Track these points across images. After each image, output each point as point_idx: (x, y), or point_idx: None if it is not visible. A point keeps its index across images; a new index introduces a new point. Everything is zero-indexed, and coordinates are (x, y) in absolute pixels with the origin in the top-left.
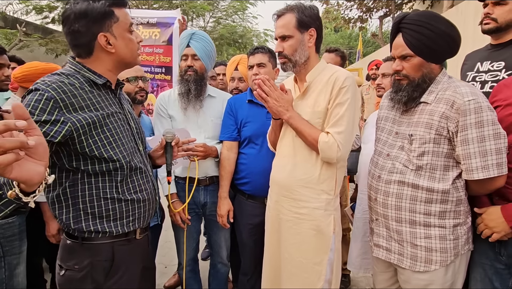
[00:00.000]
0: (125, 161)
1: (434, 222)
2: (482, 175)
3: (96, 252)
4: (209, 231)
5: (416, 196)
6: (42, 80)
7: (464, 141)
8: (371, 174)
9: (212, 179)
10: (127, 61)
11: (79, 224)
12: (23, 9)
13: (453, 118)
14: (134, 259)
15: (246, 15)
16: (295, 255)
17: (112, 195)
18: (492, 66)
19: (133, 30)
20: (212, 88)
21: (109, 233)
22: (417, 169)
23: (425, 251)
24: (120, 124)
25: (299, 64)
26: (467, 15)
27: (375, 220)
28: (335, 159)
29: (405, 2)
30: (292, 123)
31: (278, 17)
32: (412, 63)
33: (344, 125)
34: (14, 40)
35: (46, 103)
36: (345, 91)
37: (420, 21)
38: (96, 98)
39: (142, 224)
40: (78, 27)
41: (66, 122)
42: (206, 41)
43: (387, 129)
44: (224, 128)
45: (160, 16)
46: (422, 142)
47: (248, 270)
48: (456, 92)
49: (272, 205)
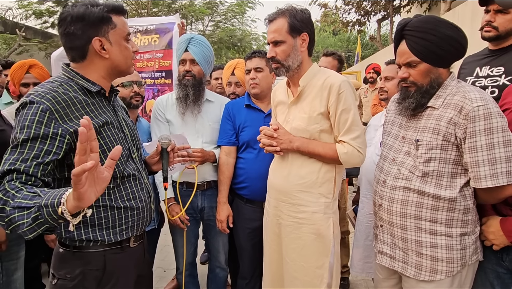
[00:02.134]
0: (118, 170)
1: (441, 230)
2: (491, 183)
3: (87, 261)
4: (207, 235)
5: (422, 203)
6: (36, 91)
7: (473, 149)
8: (376, 179)
9: (209, 183)
10: (120, 69)
11: (70, 233)
12: (23, 13)
13: (461, 125)
14: (127, 268)
15: (245, 18)
16: (296, 259)
17: (105, 202)
18: (492, 72)
19: (129, 39)
20: (210, 93)
21: (101, 241)
22: (423, 176)
23: (431, 260)
24: (114, 132)
25: (292, 69)
26: (464, 18)
27: (380, 226)
28: (360, 164)
29: (403, 6)
30: (304, 151)
31: (270, 22)
32: (419, 70)
33: (357, 130)
34: (14, 45)
35: (42, 115)
36: (345, 96)
37: (423, 27)
38: (90, 106)
39: (136, 232)
40: (74, 29)
41: (64, 134)
42: (205, 46)
43: (394, 134)
44: (222, 133)
45: (158, 22)
46: (429, 148)
47: (246, 274)
48: (465, 97)
49: (271, 210)
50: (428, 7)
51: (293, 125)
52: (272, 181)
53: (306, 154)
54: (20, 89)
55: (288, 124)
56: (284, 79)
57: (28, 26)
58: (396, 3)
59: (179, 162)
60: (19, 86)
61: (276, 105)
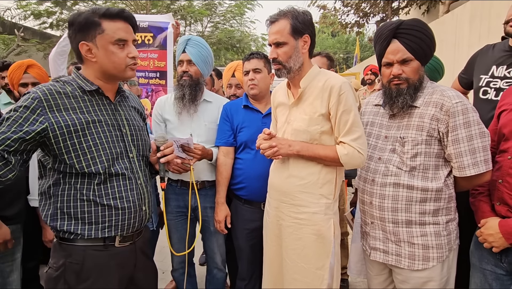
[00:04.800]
0: (102, 166)
1: (429, 220)
2: (474, 171)
3: (69, 253)
4: (203, 236)
5: (411, 197)
6: (38, 86)
7: (455, 141)
8: (363, 178)
9: (203, 183)
10: (110, 73)
11: (54, 222)
12: (21, 14)
13: (443, 120)
14: (109, 267)
15: (244, 19)
16: (296, 260)
17: (89, 197)
18: (509, 73)
19: (123, 44)
20: (209, 93)
21: (81, 235)
22: (411, 170)
23: (422, 249)
24: (106, 129)
25: (293, 70)
26: (463, 20)
27: (370, 223)
28: (361, 165)
29: (401, 7)
30: (304, 155)
31: (272, 23)
32: (412, 67)
33: (357, 131)
34: (12, 45)
35: (31, 102)
36: (346, 98)
37: (417, 26)
38: (85, 102)
39: (121, 232)
40: (70, 34)
41: (44, 122)
42: (202, 47)
43: (375, 134)
44: (220, 134)
45: (151, 20)
46: (415, 144)
47: (245, 275)
48: (444, 95)
49: (271, 211)
50: (427, 9)
51: (294, 127)
52: (273, 182)
53: (307, 158)
54: (19, 90)
55: (289, 126)
56: (283, 81)
57: (27, 26)
58: (395, 5)
59: (175, 166)
60: (18, 87)
61: (277, 106)
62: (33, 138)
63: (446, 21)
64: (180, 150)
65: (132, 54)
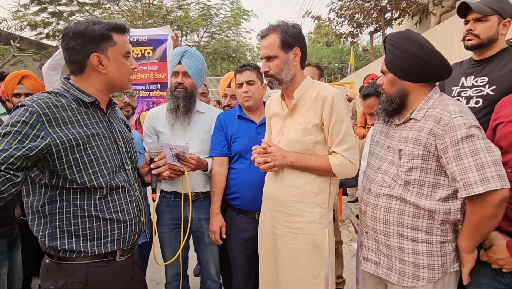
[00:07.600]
0: (104, 180)
1: (422, 237)
2: (483, 188)
3: (70, 273)
4: (196, 247)
5: (403, 210)
6: (30, 98)
7: (457, 157)
8: (363, 187)
9: (198, 194)
10: (117, 84)
11: (54, 242)
12: (17, 25)
13: (440, 135)
14: (112, 283)
15: (239, 30)
16: (292, 269)
17: (90, 212)
18: (476, 82)
19: (129, 57)
20: (201, 104)
21: (84, 253)
22: (405, 184)
23: (413, 266)
24: (105, 142)
25: (285, 82)
26: (453, 31)
27: (365, 232)
28: (353, 174)
29: (394, 18)
30: (298, 166)
31: (262, 38)
32: (387, 79)
33: (349, 141)
34: (8, 56)
35: (29, 117)
36: (339, 108)
37: (392, 40)
38: (82, 115)
39: (122, 245)
40: (74, 44)
41: (46, 138)
42: (198, 59)
43: (380, 143)
44: (215, 144)
45: (150, 33)
46: (411, 158)
47: (240, 286)
48: (444, 110)
49: (266, 221)
50: (419, 20)
51: (288, 137)
52: (268, 191)
53: (300, 168)
54: (12, 100)
55: (283, 136)
56: (277, 92)
57: (23, 36)
58: (388, 16)
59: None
60: (11, 97)
61: (271, 117)
62: (36, 155)
63: (437, 32)
64: (175, 158)
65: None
